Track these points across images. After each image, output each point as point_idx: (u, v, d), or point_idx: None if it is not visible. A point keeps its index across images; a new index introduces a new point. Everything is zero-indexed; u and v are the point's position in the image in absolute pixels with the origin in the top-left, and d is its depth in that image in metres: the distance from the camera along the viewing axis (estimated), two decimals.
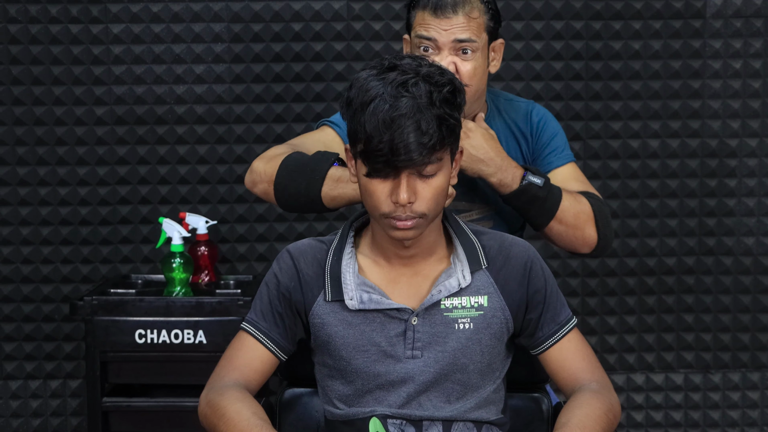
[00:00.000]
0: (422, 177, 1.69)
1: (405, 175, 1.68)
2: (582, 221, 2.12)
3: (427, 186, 1.70)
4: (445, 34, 2.08)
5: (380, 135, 1.64)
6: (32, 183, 3.19)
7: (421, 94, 1.66)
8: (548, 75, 3.17)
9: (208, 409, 1.77)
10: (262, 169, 2.09)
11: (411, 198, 1.69)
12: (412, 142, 1.64)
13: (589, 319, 3.27)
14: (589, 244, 2.14)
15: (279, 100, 3.18)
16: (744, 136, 3.22)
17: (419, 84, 1.67)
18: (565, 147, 2.24)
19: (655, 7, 3.16)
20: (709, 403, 3.30)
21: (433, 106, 1.66)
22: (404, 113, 1.64)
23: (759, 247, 3.25)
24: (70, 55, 3.15)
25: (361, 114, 1.67)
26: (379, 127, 1.64)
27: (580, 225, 2.12)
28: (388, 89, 1.66)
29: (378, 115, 1.65)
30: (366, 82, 1.69)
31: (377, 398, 1.80)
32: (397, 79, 1.67)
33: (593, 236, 2.13)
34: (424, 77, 1.68)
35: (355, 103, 1.69)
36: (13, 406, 3.27)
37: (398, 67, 1.69)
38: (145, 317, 2.80)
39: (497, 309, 1.81)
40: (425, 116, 1.65)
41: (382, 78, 1.68)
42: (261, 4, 3.15)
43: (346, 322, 1.80)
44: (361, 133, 1.67)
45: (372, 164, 1.68)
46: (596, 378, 1.82)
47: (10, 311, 3.24)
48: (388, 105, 1.65)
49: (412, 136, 1.64)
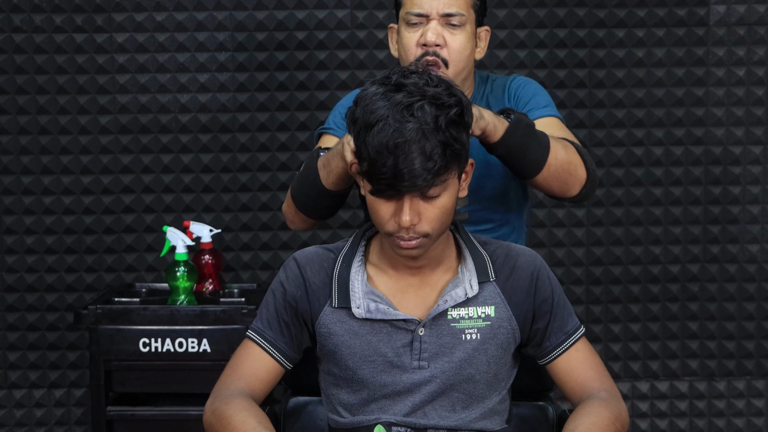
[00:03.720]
0: (426, 198, 1.68)
1: (408, 196, 1.67)
2: (572, 154, 2.05)
3: (431, 207, 1.69)
4: (434, 4, 2.07)
5: (384, 159, 1.63)
6: (36, 192, 3.20)
7: (426, 119, 1.63)
8: (551, 83, 3.17)
9: (213, 418, 1.76)
10: (285, 207, 2.18)
11: (414, 220, 1.69)
12: (416, 168, 1.63)
13: (593, 326, 3.26)
14: (581, 180, 2.07)
15: (283, 109, 3.18)
16: (748, 144, 3.22)
17: (425, 107, 1.64)
18: (548, 105, 2.19)
19: (658, 15, 3.16)
20: (713, 410, 3.30)
21: (438, 131, 1.64)
22: (409, 139, 1.62)
23: (763, 255, 3.25)
24: (75, 64, 3.15)
25: (366, 134, 1.66)
26: (382, 152, 1.63)
27: (572, 160, 2.05)
28: (393, 112, 1.64)
29: (382, 139, 1.63)
30: (372, 101, 1.67)
31: (382, 407, 1.80)
32: (402, 102, 1.64)
33: (583, 172, 2.07)
34: (430, 99, 1.65)
35: (360, 123, 1.67)
36: (17, 415, 3.27)
37: (405, 87, 1.66)
38: (149, 326, 2.80)
39: (504, 319, 1.81)
40: (430, 142, 1.63)
41: (388, 98, 1.65)
42: (265, 13, 3.15)
43: (353, 331, 1.79)
44: (365, 153, 1.66)
45: (375, 185, 1.68)
46: (605, 387, 1.82)
47: (15, 320, 3.24)
48: (392, 129, 1.63)
49: (416, 162, 1.62)
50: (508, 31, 3.16)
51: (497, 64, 3.17)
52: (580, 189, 2.08)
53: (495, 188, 2.19)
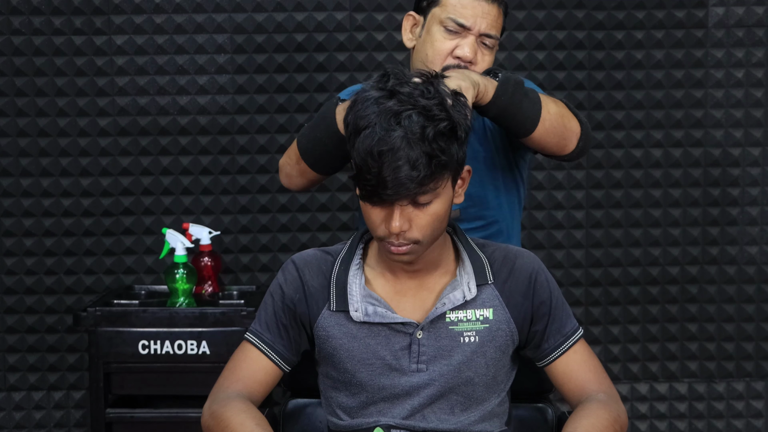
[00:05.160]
0: (417, 205, 1.68)
1: (398, 203, 1.66)
2: (561, 106, 2.04)
3: (422, 214, 1.69)
4: (479, 21, 2.06)
5: (368, 166, 1.63)
6: (36, 194, 3.20)
7: (413, 128, 1.62)
8: (550, 85, 3.17)
9: (212, 420, 1.76)
10: (284, 159, 2.11)
11: (404, 227, 1.68)
12: (401, 177, 1.62)
13: (592, 328, 3.26)
14: (576, 132, 2.05)
15: (282, 111, 3.18)
16: (747, 146, 3.22)
17: (413, 117, 1.63)
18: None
19: (657, 17, 3.16)
20: (713, 412, 3.30)
21: (424, 141, 1.62)
22: (393, 147, 1.61)
23: (762, 256, 3.25)
24: (74, 67, 3.15)
25: (355, 139, 1.66)
26: (367, 159, 1.63)
27: (563, 112, 2.03)
28: (381, 119, 1.63)
29: (368, 145, 1.63)
30: (364, 107, 1.66)
31: (381, 410, 1.80)
32: (392, 109, 1.63)
33: (576, 124, 2.05)
34: (420, 110, 1.64)
35: (351, 127, 1.67)
36: (16, 418, 3.27)
37: (397, 95, 1.65)
38: (148, 328, 2.80)
39: (502, 322, 1.81)
40: (414, 151, 1.62)
41: (379, 105, 1.65)
42: (264, 15, 3.16)
43: (351, 334, 1.79)
44: (354, 157, 1.66)
45: (362, 191, 1.67)
46: (603, 389, 1.82)
47: (14, 322, 3.24)
48: (378, 137, 1.62)
49: (401, 170, 1.61)
50: (507, 33, 3.16)
51: (496, 66, 3.16)
52: (576, 142, 2.06)
53: (485, 186, 2.19)
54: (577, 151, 2.07)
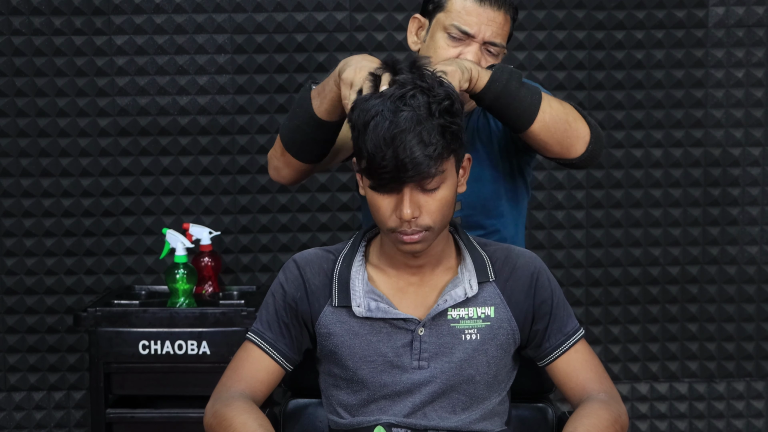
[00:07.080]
0: (425, 191, 1.69)
1: (408, 189, 1.68)
2: (568, 107, 1.99)
3: (431, 199, 1.70)
4: (484, 29, 2.04)
5: (382, 152, 1.64)
6: (36, 194, 3.20)
7: (419, 106, 1.65)
8: (550, 85, 3.18)
9: (214, 420, 1.76)
10: (271, 152, 2.10)
11: (415, 213, 1.69)
12: (417, 156, 1.64)
13: (593, 328, 3.27)
14: (582, 135, 1.99)
15: (282, 111, 3.18)
16: (747, 145, 3.23)
17: (417, 96, 1.66)
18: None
19: (657, 17, 3.17)
20: (713, 412, 3.30)
21: (432, 116, 1.66)
22: (405, 128, 1.64)
23: (762, 256, 3.25)
24: (74, 67, 3.15)
25: (363, 133, 1.67)
26: (380, 145, 1.64)
27: (568, 111, 1.98)
28: (387, 105, 1.66)
29: (379, 132, 1.64)
30: (366, 102, 1.69)
31: (382, 408, 1.80)
32: (395, 94, 1.67)
33: (584, 126, 2.00)
34: (422, 89, 1.68)
35: (358, 124, 1.69)
36: (16, 418, 3.27)
37: (395, 82, 1.69)
38: (148, 328, 2.80)
39: (504, 320, 1.81)
40: (426, 127, 1.65)
41: (381, 95, 1.68)
42: (264, 15, 3.16)
43: (353, 331, 1.80)
44: (364, 151, 1.67)
45: (377, 180, 1.68)
46: (604, 389, 1.82)
47: (14, 322, 3.24)
48: (388, 121, 1.64)
49: (416, 150, 1.64)
50: None
51: None
52: (585, 146, 2.00)
53: (487, 194, 2.18)
54: (586, 156, 2.02)
